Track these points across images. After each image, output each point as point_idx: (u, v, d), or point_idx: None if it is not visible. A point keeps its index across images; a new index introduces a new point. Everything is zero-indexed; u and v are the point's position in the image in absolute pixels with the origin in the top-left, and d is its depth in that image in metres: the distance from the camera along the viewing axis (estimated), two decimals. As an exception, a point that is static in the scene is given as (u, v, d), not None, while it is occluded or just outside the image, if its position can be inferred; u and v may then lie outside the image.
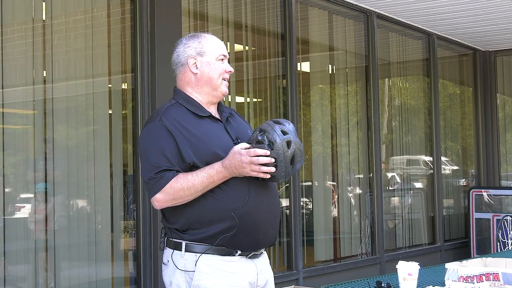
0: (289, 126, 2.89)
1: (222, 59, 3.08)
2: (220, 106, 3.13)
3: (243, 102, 6.99)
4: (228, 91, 3.11)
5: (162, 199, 2.84)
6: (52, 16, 5.25)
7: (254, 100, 7.15)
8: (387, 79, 9.09)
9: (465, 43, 9.93)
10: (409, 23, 8.69)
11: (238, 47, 6.94)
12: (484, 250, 9.24)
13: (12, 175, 5.00)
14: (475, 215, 9.41)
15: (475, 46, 10.18)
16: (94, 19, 5.46)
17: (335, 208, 7.89)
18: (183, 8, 5.89)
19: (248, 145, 2.86)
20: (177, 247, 2.92)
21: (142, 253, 5.37)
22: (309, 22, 7.71)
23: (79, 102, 5.40)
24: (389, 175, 8.91)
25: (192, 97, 3.04)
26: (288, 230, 6.92)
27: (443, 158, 9.70)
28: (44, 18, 5.23)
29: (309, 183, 7.59)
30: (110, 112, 5.59)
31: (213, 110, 3.08)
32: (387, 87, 9.09)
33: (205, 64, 3.04)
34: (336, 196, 7.89)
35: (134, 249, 5.46)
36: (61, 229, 5.15)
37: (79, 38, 5.39)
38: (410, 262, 3.29)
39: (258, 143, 2.85)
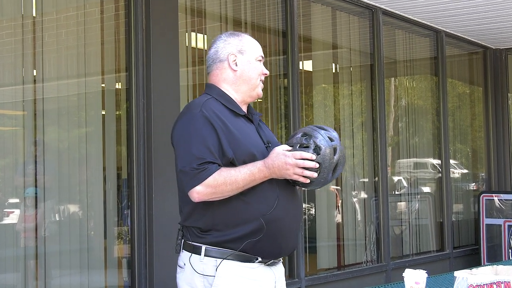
0: (334, 134, 2.98)
1: (260, 60, 3.18)
2: (250, 108, 3.21)
3: (242, 103, 6.99)
4: (262, 93, 3.21)
5: (203, 191, 2.87)
6: (43, 12, 5.26)
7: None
8: (393, 78, 9.09)
9: (475, 40, 9.94)
10: (417, 19, 8.69)
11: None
12: (495, 257, 9.24)
13: (0, 179, 5.00)
14: (485, 221, 9.41)
15: (485, 44, 10.19)
16: (87, 15, 5.47)
17: (338, 213, 7.89)
18: (180, 4, 5.90)
19: (289, 148, 2.93)
20: (196, 250, 2.97)
21: (136, 261, 5.37)
22: (311, 19, 7.72)
23: (71, 103, 5.40)
24: (396, 179, 8.91)
25: (228, 94, 3.11)
26: (289, 236, 6.92)
27: (452, 161, 9.70)
28: (34, 15, 5.23)
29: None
30: (103, 113, 5.59)
31: (245, 111, 3.16)
32: (393, 86, 9.09)
33: (245, 63, 3.12)
34: (340, 201, 7.89)
35: (129, 256, 5.46)
36: (51, 235, 5.15)
37: (71, 36, 5.39)
38: (417, 270, 3.30)
39: (302, 147, 2.92)
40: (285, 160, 2.88)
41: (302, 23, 7.43)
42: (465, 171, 10.30)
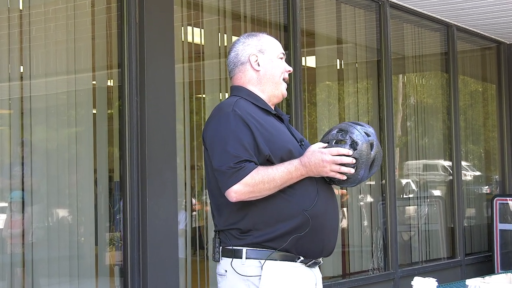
0: (371, 129, 3.09)
1: (282, 58, 3.30)
2: (277, 109, 3.31)
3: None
4: (286, 93, 3.33)
5: (240, 190, 2.96)
6: (30, 6, 5.26)
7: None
8: (401, 75, 9.09)
9: (488, 35, 9.95)
10: (426, 13, 8.70)
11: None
12: (509, 265, 9.25)
13: (-15, 181, 5.01)
14: (499, 226, 9.42)
15: (499, 39, 10.20)
16: (77, 8, 5.47)
17: (343, 218, 7.89)
18: (175, -3, 5.91)
19: (324, 145, 3.05)
20: (237, 254, 3.05)
21: (129, 269, 5.37)
22: (314, 12, 7.72)
23: (60, 101, 5.41)
24: (404, 181, 8.92)
25: (256, 94, 3.22)
26: (291, 242, 6.92)
27: (463, 163, 9.71)
28: (21, 8, 5.24)
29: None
30: (94, 111, 5.59)
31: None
32: (401, 84, 9.10)
33: (267, 61, 3.25)
34: (345, 205, 7.89)
35: (121, 264, 5.47)
36: (39, 242, 5.16)
37: (60, 30, 5.40)
38: (427, 278, 3.30)
39: (337, 143, 3.03)
40: (322, 157, 2.99)
41: (305, 17, 7.43)
42: (478, 173, 10.31)
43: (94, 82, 5.65)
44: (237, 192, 2.96)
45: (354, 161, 2.99)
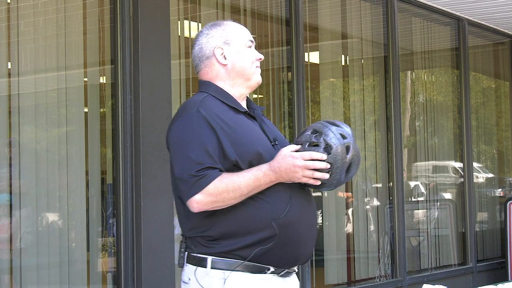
0: (347, 130, 3.01)
1: (250, 46, 3.19)
2: (249, 102, 3.23)
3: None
4: (261, 79, 3.21)
5: (202, 200, 2.90)
6: (18, -2, 5.28)
7: (254, 96, 7.17)
8: (409, 71, 9.10)
9: (501, 29, 9.95)
10: (436, 6, 8.71)
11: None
12: (523, 272, 9.25)
13: (-29, 184, 5.03)
14: (513, 231, 9.42)
15: (512, 33, 10.21)
16: (67, 1, 5.48)
17: (349, 222, 7.90)
18: (171, -11, 5.92)
19: (297, 147, 2.97)
20: (201, 263, 3.00)
21: (123, 275, 5.38)
22: (318, 5, 7.73)
23: (50, 99, 5.42)
24: (412, 184, 8.92)
25: (225, 90, 3.13)
26: (293, 248, 6.93)
27: (475, 164, 9.71)
28: (8, 0, 5.25)
29: (319, 194, 7.61)
30: (86, 110, 5.60)
31: (244, 106, 3.18)
32: (409, 81, 9.10)
33: (234, 53, 3.15)
34: (350, 209, 7.90)
35: (114, 270, 5.47)
36: (28, 247, 5.16)
37: (49, 24, 5.40)
38: (436, 286, 3.31)
39: (311, 145, 2.95)
40: (293, 162, 2.92)
41: (308, 10, 7.44)
42: (490, 175, 10.31)
43: (85, 79, 5.65)
44: (199, 202, 2.90)
45: (328, 166, 2.92)
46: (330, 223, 7.70)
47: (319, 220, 7.63)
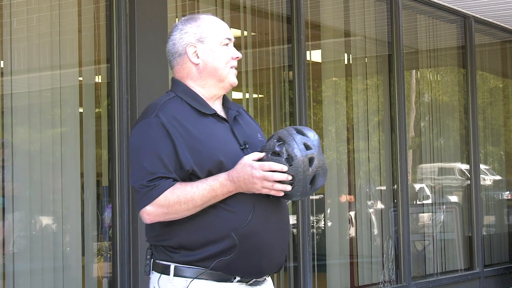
0: (313, 139, 2.91)
1: (227, 44, 3.10)
2: (226, 101, 3.15)
3: (240, 99, 7.00)
4: (237, 81, 3.12)
5: (153, 212, 2.87)
6: (11, -5, 5.27)
7: (254, 96, 7.16)
8: (414, 70, 9.09)
9: (509, 27, 9.95)
10: (442, 3, 8.70)
11: (235, 33, 6.95)
12: (532, 277, 9.25)
13: (-38, 186, 5.02)
14: (521, 235, 9.42)
15: (521, 31, 10.21)
16: (62, -2, 5.49)
17: (352, 226, 7.89)
18: (169, -15, 5.92)
19: (261, 155, 2.89)
20: (165, 270, 2.96)
21: (119, 281, 5.38)
22: (320, 2, 7.73)
23: (44, 99, 5.41)
24: (417, 186, 8.91)
25: (194, 91, 3.06)
26: (295, 253, 6.93)
27: (482, 166, 9.70)
28: (1, -3, 5.25)
29: (321, 197, 7.60)
30: (81, 110, 5.60)
31: (218, 107, 3.10)
32: (414, 80, 9.10)
33: (208, 52, 3.06)
34: (353, 213, 7.89)
35: (110, 276, 5.47)
36: (21, 252, 5.15)
37: (43, 22, 5.40)
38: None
39: (274, 154, 2.87)
40: (252, 172, 2.84)
41: (310, 7, 7.44)
42: (498, 177, 10.31)
43: (80, 79, 5.65)
44: (149, 214, 2.87)
45: (289, 178, 2.83)
46: (333, 227, 7.70)
47: (321, 224, 7.62)
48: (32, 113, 5.32)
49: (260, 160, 2.88)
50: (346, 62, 8.35)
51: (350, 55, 8.29)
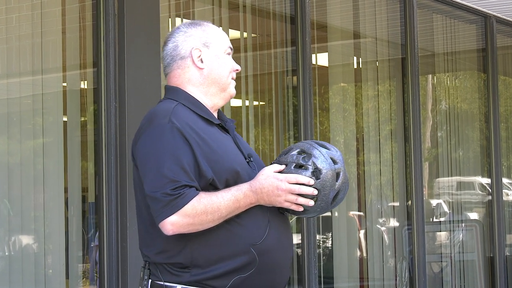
0: (338, 154, 3.04)
1: (230, 53, 3.22)
2: (220, 114, 3.24)
3: (240, 106, 7.01)
4: (235, 92, 3.23)
5: (178, 222, 2.89)
6: (-11, -7, 5.29)
7: (255, 103, 7.18)
8: (430, 75, 9.11)
9: (534, 27, 9.98)
10: (460, 1, 8.73)
11: (234, 34, 6.97)
12: (560, 302, 9.25)
13: None
14: (548, 256, 9.42)
15: (547, 32, 10.23)
16: (44, -4, 5.51)
17: (362, 246, 7.90)
18: (162, -17, 5.94)
19: (281, 167, 2.99)
20: None
21: (106, 306, 5.38)
22: (327, 1, 7.75)
23: (24, 106, 5.42)
24: (434, 202, 8.92)
25: (197, 98, 3.14)
26: (300, 275, 6.93)
27: (505, 180, 9.71)
28: (-22, -4, 5.27)
29: (328, 214, 7.61)
30: (65, 119, 5.61)
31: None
32: (430, 86, 9.12)
33: (213, 58, 3.16)
34: (363, 231, 7.90)
35: (96, 300, 5.48)
36: (-1, 274, 5.17)
37: (24, 22, 5.41)
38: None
39: (297, 167, 2.97)
40: (277, 184, 2.94)
41: (315, 6, 7.46)
42: (522, 192, 10.31)
43: (64, 84, 5.66)
44: (174, 224, 2.89)
45: (315, 192, 2.95)
46: (341, 247, 7.70)
47: (328, 244, 7.63)
48: (11, 122, 5.34)
49: (280, 172, 2.98)
50: (355, 66, 8.37)
51: (360, 59, 8.31)
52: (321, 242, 7.50)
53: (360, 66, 8.34)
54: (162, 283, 3.00)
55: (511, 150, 10.11)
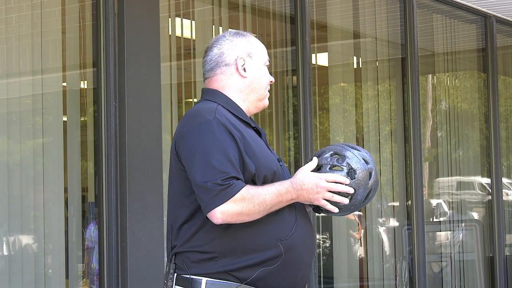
0: (368, 155, 3.25)
1: (267, 65, 3.41)
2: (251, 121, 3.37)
3: (240, 106, 7.01)
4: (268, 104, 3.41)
5: (228, 211, 3.00)
6: (-12, -7, 5.29)
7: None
8: (430, 75, 9.11)
9: (534, 27, 9.98)
10: (460, 1, 8.73)
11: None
12: (560, 302, 9.25)
13: None
14: (547, 256, 9.42)
15: (547, 32, 10.23)
16: (44, -4, 5.51)
17: (361, 246, 7.90)
18: (161, -18, 5.94)
19: (313, 166, 3.17)
20: (194, 285, 3.07)
21: (106, 306, 5.38)
22: (327, 0, 7.75)
23: (24, 106, 5.43)
24: (434, 202, 8.92)
25: (235, 102, 3.28)
26: (299, 275, 6.93)
27: (505, 180, 9.71)
28: (-23, -4, 5.27)
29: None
30: (65, 119, 5.61)
31: None
32: (430, 85, 9.12)
33: (255, 68, 3.34)
34: (363, 231, 7.90)
35: (96, 300, 5.48)
36: (-1, 274, 5.17)
37: (23, 22, 5.42)
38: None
39: (332, 168, 3.17)
40: (317, 182, 3.11)
41: (315, 6, 7.46)
42: (522, 192, 10.31)
43: (64, 84, 5.66)
44: (224, 213, 3.00)
45: (351, 190, 3.13)
46: (341, 247, 7.70)
47: (327, 243, 7.63)
48: (11, 122, 5.34)
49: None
50: (355, 66, 8.37)
51: (360, 58, 8.32)
52: (321, 241, 7.50)
53: (360, 66, 8.34)
54: (188, 276, 3.09)
55: (511, 150, 10.11)
